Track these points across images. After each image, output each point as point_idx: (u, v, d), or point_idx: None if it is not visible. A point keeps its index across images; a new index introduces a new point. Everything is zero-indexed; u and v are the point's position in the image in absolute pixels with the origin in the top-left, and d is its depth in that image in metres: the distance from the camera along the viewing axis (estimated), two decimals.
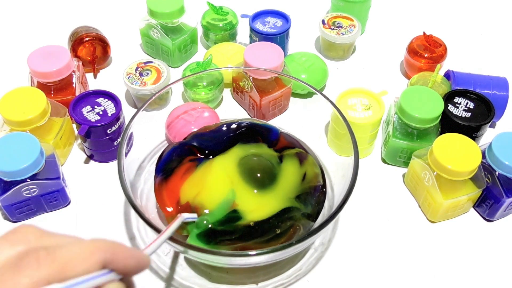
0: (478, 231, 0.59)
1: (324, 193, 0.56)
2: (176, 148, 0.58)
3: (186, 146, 0.58)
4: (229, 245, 0.51)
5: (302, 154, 0.59)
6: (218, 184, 0.55)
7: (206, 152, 0.58)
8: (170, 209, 0.53)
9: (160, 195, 0.54)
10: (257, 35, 0.76)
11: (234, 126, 0.60)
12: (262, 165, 0.57)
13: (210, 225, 0.51)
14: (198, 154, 0.58)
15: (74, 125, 0.67)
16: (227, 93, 0.74)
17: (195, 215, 0.51)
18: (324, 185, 0.56)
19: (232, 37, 0.80)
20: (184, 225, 0.51)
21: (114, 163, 0.65)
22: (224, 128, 0.60)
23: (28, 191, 0.55)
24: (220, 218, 0.52)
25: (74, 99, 0.62)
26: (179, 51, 0.76)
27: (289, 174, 0.57)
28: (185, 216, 0.49)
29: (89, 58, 0.74)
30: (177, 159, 0.57)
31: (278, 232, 0.51)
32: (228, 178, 0.55)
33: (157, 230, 0.46)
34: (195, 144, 0.58)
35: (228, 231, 0.51)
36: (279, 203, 0.54)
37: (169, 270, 0.54)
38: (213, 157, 0.58)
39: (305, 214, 0.53)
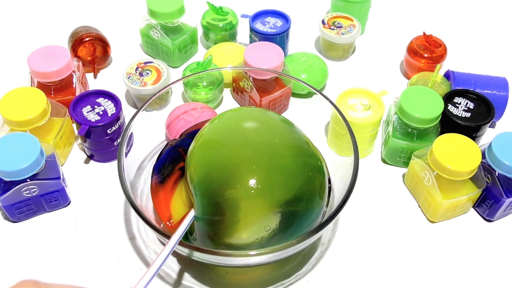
0: (478, 231, 0.59)
1: (330, 188, 0.55)
2: (171, 150, 0.57)
3: (180, 148, 0.57)
4: None
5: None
6: None
7: None
8: (169, 223, 0.52)
9: (157, 201, 0.54)
10: (257, 35, 0.76)
11: None
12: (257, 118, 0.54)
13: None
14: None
15: (74, 125, 0.67)
16: (227, 93, 0.74)
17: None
18: (329, 180, 0.55)
19: (232, 37, 0.80)
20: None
21: (114, 163, 0.65)
22: None
23: (28, 191, 0.55)
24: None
25: (74, 99, 0.62)
26: (179, 51, 0.76)
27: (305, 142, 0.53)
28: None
29: (89, 58, 0.74)
30: (171, 165, 0.55)
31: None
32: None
33: (157, 230, 0.46)
34: (185, 147, 0.56)
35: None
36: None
37: (168, 270, 0.54)
38: None
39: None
